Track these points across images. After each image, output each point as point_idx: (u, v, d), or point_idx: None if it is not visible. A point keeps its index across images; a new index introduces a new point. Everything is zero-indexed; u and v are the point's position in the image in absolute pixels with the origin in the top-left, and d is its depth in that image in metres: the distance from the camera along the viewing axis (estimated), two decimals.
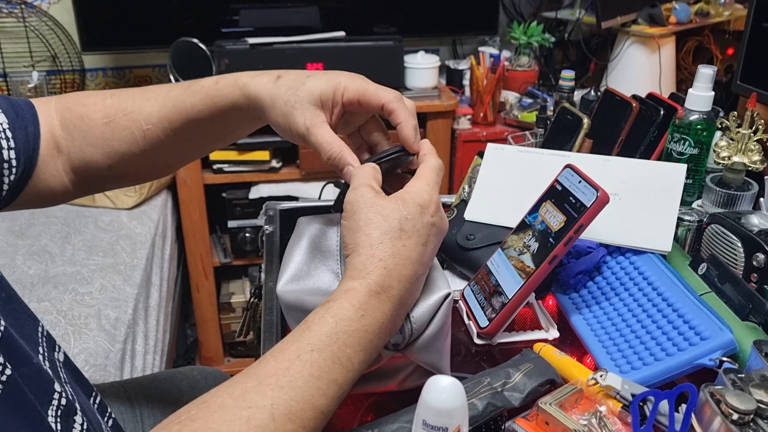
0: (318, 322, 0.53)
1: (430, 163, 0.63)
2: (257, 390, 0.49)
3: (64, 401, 0.57)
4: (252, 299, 1.06)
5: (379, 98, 0.64)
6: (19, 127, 0.66)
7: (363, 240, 0.57)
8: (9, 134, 0.65)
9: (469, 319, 0.80)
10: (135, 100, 0.68)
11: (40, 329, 0.63)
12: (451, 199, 1.09)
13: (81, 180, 0.72)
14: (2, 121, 0.64)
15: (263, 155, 1.94)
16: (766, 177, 0.92)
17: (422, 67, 1.97)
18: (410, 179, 0.62)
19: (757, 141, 0.90)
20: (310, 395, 0.50)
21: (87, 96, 0.71)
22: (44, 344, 0.63)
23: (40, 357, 0.60)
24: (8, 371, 0.50)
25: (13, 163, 0.65)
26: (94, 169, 0.70)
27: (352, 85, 0.63)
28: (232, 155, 1.93)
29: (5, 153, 0.64)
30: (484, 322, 0.77)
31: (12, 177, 0.65)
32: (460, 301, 0.83)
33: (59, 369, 0.63)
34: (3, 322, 0.53)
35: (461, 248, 0.88)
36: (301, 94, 0.62)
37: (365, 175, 0.60)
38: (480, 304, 0.79)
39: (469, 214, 0.92)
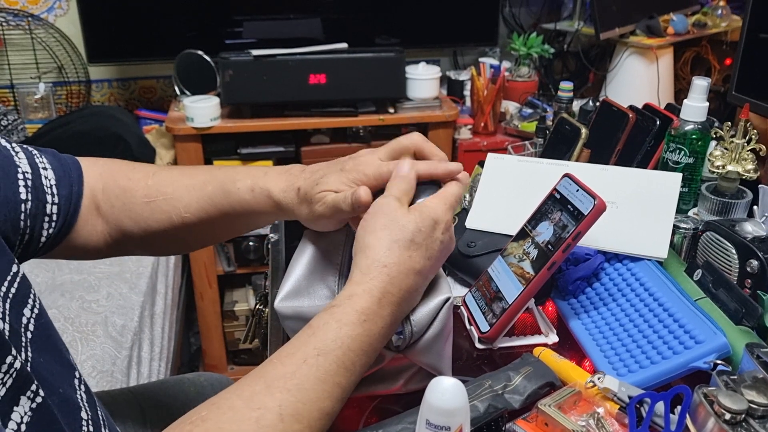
0: (323, 327, 0.56)
1: (452, 187, 0.65)
2: (266, 392, 0.52)
3: (91, 428, 0.60)
4: (257, 306, 1.07)
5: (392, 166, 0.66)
6: (64, 185, 0.70)
7: (373, 243, 0.59)
8: (55, 190, 0.69)
9: (470, 324, 0.82)
10: (175, 186, 0.73)
11: (71, 359, 0.66)
12: None
13: (114, 243, 0.75)
14: (50, 177, 0.69)
15: (267, 165, 1.96)
16: (759, 185, 0.95)
17: (423, 78, 1.99)
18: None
19: (750, 150, 0.92)
20: (316, 397, 0.53)
21: (132, 170, 0.75)
22: (76, 373, 0.65)
23: (76, 386, 0.63)
24: (39, 398, 0.53)
25: (54, 217, 0.69)
26: (128, 238, 0.74)
27: (365, 161, 0.67)
28: (236, 165, 1.95)
29: (48, 207, 0.68)
30: (485, 327, 0.79)
31: (51, 230, 0.69)
32: (461, 307, 0.85)
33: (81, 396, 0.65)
34: (30, 354, 0.57)
35: (463, 255, 0.90)
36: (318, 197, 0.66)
37: (399, 189, 0.63)
38: (481, 310, 0.81)
39: (471, 222, 0.94)
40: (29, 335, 0.58)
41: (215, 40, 2.03)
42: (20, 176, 0.65)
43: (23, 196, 0.65)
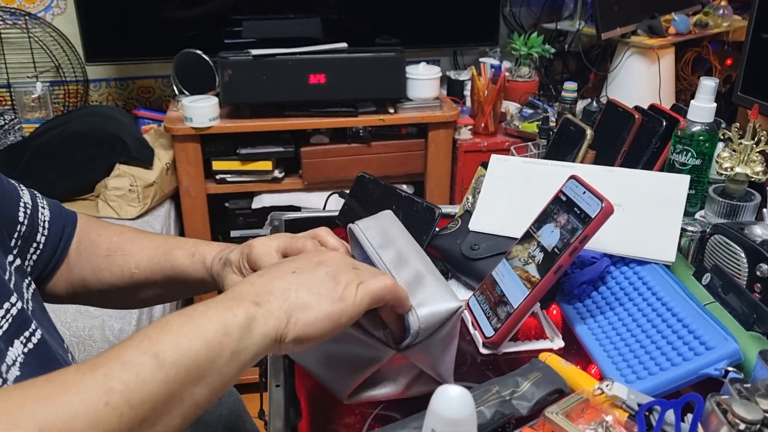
0: None
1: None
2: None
3: None
4: None
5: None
6: (56, 224, 0.79)
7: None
8: (47, 225, 0.78)
9: (474, 328, 0.80)
10: (134, 243, 0.81)
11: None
12: (455, 209, 1.09)
13: (74, 291, 0.82)
14: (46, 214, 0.78)
15: (266, 165, 1.95)
16: None
17: (424, 78, 1.98)
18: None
19: (759, 152, 0.91)
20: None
21: (105, 227, 0.84)
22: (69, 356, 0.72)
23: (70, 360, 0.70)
24: (35, 337, 0.58)
25: (41, 246, 0.77)
26: (86, 288, 0.82)
27: (258, 250, 0.71)
28: (235, 165, 1.94)
29: (38, 236, 0.76)
30: (489, 331, 0.77)
31: (35, 257, 0.76)
32: (465, 311, 0.83)
33: None
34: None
35: (466, 258, 0.89)
36: (226, 271, 0.74)
37: None
38: (485, 314, 0.79)
39: (474, 225, 0.92)
40: (30, 306, 0.65)
41: (214, 39, 2.02)
42: (21, 204, 0.74)
43: (21, 219, 0.73)
